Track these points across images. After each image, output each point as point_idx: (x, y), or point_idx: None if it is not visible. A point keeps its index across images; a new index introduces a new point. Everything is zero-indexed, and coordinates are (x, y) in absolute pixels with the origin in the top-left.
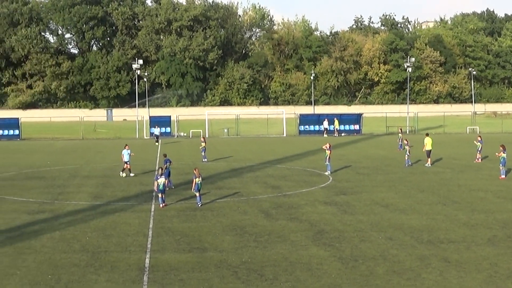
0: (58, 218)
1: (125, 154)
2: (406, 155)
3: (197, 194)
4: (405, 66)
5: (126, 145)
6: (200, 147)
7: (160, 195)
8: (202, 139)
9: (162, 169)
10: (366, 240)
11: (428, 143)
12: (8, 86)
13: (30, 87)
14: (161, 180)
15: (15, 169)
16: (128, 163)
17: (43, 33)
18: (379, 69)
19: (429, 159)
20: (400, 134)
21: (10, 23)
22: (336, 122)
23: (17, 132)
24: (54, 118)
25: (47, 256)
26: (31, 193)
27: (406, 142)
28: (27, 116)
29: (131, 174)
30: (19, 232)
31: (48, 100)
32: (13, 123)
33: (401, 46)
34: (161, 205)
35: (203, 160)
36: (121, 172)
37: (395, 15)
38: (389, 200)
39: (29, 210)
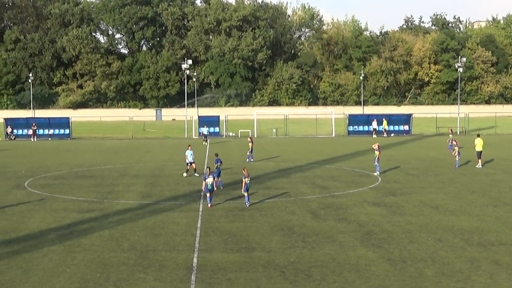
0: (107, 217)
1: (189, 155)
2: (456, 156)
3: (246, 194)
4: (456, 66)
5: (189, 145)
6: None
7: (208, 195)
8: (249, 139)
9: (210, 169)
10: (415, 241)
11: (479, 144)
12: (59, 86)
13: (80, 87)
14: (209, 179)
15: (66, 168)
16: (193, 163)
17: (93, 34)
18: (430, 69)
19: (480, 160)
20: (450, 135)
21: (62, 24)
22: (385, 122)
23: (67, 131)
24: (104, 117)
25: (96, 255)
26: (81, 192)
27: (455, 143)
28: (77, 115)
29: (196, 174)
30: (69, 231)
31: (98, 99)
32: (64, 123)
33: (452, 46)
34: (209, 205)
35: (250, 160)
36: (184, 173)
37: (446, 15)
38: (438, 201)
39: (79, 208)
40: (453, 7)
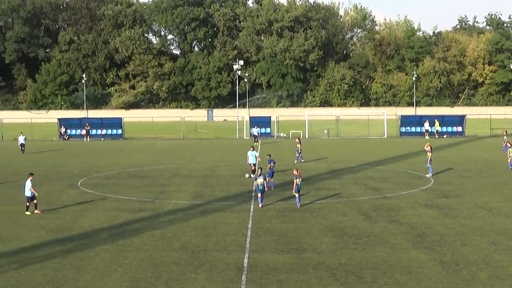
0: (159, 217)
1: (250, 156)
2: (510, 158)
3: (297, 195)
4: (511, 67)
5: (252, 147)
6: (297, 149)
7: (259, 195)
8: (298, 140)
9: (261, 169)
10: (468, 244)
11: None
12: (111, 87)
13: (133, 87)
14: (260, 180)
15: (118, 168)
16: (254, 165)
17: (146, 35)
18: (484, 70)
19: None
20: (505, 137)
21: (115, 25)
22: (437, 123)
23: (120, 131)
24: (156, 118)
25: (147, 254)
26: (133, 192)
27: (509, 145)
28: (129, 116)
29: (253, 175)
30: (121, 230)
31: (150, 100)
32: (116, 123)
33: (507, 46)
34: (259, 205)
35: (301, 161)
36: (247, 174)
37: (501, 15)
38: (492, 203)
39: (131, 208)
40: (509, 7)
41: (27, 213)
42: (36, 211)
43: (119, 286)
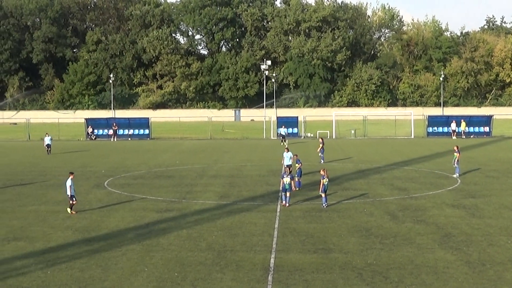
0: (185, 217)
1: (286, 158)
2: None
3: (323, 195)
4: None
5: (287, 148)
6: (318, 149)
7: (286, 194)
8: (321, 140)
9: (289, 168)
10: (495, 244)
11: None
12: (139, 86)
13: (160, 87)
14: (287, 179)
15: (145, 168)
16: (289, 166)
17: (173, 35)
18: (511, 70)
19: None
20: None
21: (142, 25)
22: (463, 124)
23: (147, 131)
24: (183, 118)
25: (174, 254)
26: (159, 192)
27: None
28: (157, 116)
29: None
30: (147, 230)
31: (177, 100)
32: (144, 123)
33: None
34: (286, 204)
35: (322, 161)
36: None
37: None
38: None
39: (157, 208)
40: None
41: (72, 211)
42: (69, 210)
43: (145, 286)
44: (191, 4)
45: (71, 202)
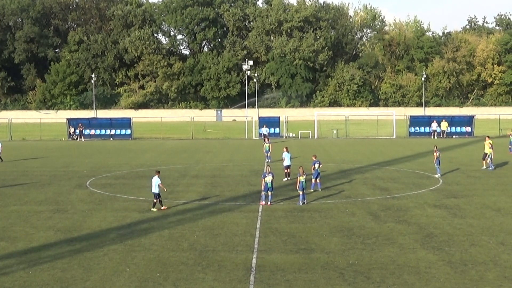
0: (167, 217)
1: (286, 158)
2: None
3: (301, 193)
4: None
5: (286, 147)
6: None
7: (269, 193)
8: (267, 140)
9: (270, 167)
10: (477, 244)
11: None
12: (121, 87)
13: (142, 87)
14: (269, 178)
15: (127, 168)
16: (289, 166)
17: (155, 35)
18: (493, 70)
19: None
20: (511, 137)
21: (124, 25)
22: (445, 124)
23: (129, 131)
24: (165, 118)
25: (156, 254)
26: (141, 192)
27: None
28: (139, 116)
29: (288, 178)
30: (129, 230)
31: (159, 100)
32: (125, 123)
33: None
34: (267, 203)
35: (267, 160)
36: (284, 179)
37: (510, 15)
38: (501, 204)
39: (139, 208)
40: None
41: (153, 209)
42: (162, 208)
43: (127, 286)
44: (173, 4)
45: (155, 200)
